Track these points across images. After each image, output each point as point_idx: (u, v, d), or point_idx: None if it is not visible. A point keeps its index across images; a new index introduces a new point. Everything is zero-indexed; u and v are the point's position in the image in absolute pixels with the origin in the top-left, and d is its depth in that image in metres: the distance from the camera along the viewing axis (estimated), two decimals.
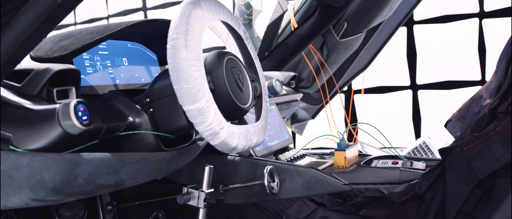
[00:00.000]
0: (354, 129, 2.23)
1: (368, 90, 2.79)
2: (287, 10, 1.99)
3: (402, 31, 2.67)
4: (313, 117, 2.42)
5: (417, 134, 2.70)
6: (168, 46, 0.75)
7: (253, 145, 0.89)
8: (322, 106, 2.28)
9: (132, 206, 1.30)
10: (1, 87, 0.78)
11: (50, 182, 0.73)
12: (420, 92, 2.67)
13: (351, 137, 2.40)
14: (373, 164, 1.15)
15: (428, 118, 2.69)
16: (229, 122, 0.83)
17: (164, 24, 0.99)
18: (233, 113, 0.88)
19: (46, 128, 0.70)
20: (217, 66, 0.85)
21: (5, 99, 0.74)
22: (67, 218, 1.15)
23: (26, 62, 0.85)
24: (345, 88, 2.72)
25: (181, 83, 0.74)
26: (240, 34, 0.99)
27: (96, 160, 0.78)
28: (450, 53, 2.56)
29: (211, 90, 0.83)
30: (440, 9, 2.57)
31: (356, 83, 2.70)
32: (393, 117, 2.78)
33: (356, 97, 2.82)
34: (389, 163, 1.14)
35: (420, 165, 1.12)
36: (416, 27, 2.65)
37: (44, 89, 0.78)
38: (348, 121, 2.64)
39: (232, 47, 1.03)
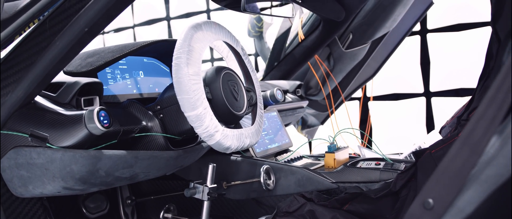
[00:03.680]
0: (364, 136, 2.30)
1: (382, 97, 2.81)
2: (300, 18, 2.09)
3: (416, 39, 2.69)
4: (322, 122, 2.50)
5: None
6: (172, 63, 0.91)
7: (245, 145, 1.02)
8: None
9: (148, 200, 1.45)
10: (40, 96, 0.96)
11: (78, 173, 0.90)
12: (434, 100, 2.68)
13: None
14: (359, 165, 1.26)
15: (442, 125, 2.70)
16: (224, 126, 0.97)
17: (173, 43, 1.15)
18: (229, 118, 1.02)
19: (75, 129, 0.88)
20: (215, 79, 0.99)
21: (43, 106, 0.92)
22: (91, 209, 1.29)
23: (59, 76, 1.03)
24: (360, 94, 2.77)
25: (182, 94, 0.89)
26: (238, 51, 1.12)
27: (114, 156, 0.94)
28: (463, 61, 2.57)
29: (209, 99, 0.97)
30: (453, 18, 2.58)
31: (371, 91, 2.75)
32: (407, 124, 2.79)
33: (370, 104, 2.84)
34: (372, 164, 1.24)
35: (400, 166, 1.22)
36: (429, 36, 2.66)
37: (74, 98, 0.96)
38: (358, 126, 2.71)
39: (232, 62, 1.16)
